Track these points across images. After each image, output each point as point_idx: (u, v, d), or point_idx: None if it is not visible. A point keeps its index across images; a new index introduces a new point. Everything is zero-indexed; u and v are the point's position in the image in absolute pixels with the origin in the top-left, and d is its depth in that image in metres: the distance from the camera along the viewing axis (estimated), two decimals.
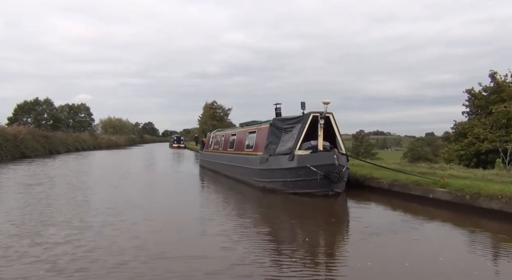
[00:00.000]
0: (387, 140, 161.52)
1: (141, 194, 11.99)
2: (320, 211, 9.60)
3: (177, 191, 12.94)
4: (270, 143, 11.99)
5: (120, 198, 11.03)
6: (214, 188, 14.13)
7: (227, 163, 16.07)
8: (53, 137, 41.01)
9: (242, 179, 14.00)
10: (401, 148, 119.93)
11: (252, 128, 14.09)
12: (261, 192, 11.81)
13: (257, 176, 12.37)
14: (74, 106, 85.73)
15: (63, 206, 9.41)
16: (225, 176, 16.30)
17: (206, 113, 79.88)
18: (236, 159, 14.77)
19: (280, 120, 12.03)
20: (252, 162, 12.90)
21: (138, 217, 8.16)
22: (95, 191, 12.51)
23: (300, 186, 10.81)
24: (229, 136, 17.14)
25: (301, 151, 11.02)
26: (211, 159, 19.36)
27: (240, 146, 15.05)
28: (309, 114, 11.09)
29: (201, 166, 22.20)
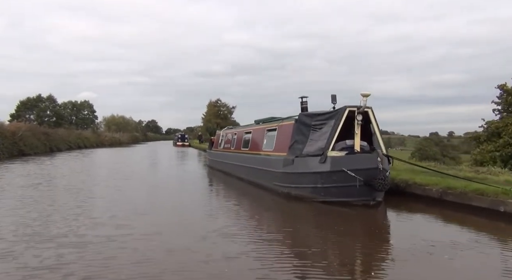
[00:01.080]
0: (391, 139, 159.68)
1: (146, 199, 10.34)
2: (360, 224, 7.89)
3: (186, 196, 11.21)
4: (296, 143, 10.24)
5: (123, 204, 9.39)
6: (227, 193, 12.38)
7: (240, 165, 14.32)
8: (54, 134, 39.38)
9: (259, 183, 12.26)
10: (406, 147, 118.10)
11: (272, 125, 12.34)
12: (285, 200, 10.07)
13: (279, 181, 10.63)
14: (77, 103, 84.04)
15: (55, 215, 7.74)
16: (238, 179, 14.57)
17: (210, 111, 78.18)
18: (253, 160, 13.02)
19: (308, 116, 10.25)
20: (273, 164, 11.15)
21: (145, 230, 6.71)
22: (95, 194, 10.83)
23: (334, 193, 9.07)
24: (242, 134, 15.39)
25: (335, 152, 9.26)
26: (221, 159, 17.61)
27: (257, 146, 13.30)
28: (344, 108, 9.33)
29: (209, 166, 20.46)
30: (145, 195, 11.02)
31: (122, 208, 8.78)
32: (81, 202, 9.40)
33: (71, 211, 8.28)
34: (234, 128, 17.73)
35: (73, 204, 9.01)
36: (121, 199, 10.03)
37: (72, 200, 9.55)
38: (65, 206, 8.81)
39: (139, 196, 10.73)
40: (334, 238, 6.64)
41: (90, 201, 9.69)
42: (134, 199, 10.03)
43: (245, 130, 15.25)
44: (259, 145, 13.12)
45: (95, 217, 7.76)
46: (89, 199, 10.01)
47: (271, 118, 13.27)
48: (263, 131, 13.03)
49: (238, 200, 10.65)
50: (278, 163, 10.76)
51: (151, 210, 8.76)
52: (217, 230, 6.78)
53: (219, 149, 18.86)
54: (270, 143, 12.12)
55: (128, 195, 10.87)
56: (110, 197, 10.34)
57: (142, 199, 10.24)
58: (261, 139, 13.05)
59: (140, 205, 9.19)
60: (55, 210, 8.29)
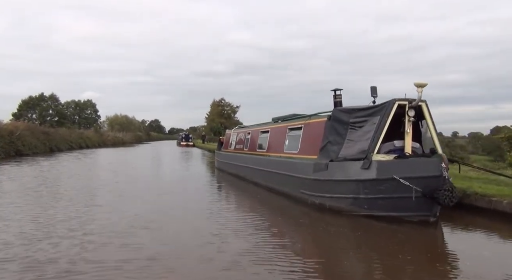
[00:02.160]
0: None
1: (151, 209, 8.61)
2: (420, 247, 6.14)
3: (195, 204, 9.50)
4: (330, 144, 8.49)
5: (124, 216, 7.68)
6: (244, 202, 10.64)
7: (256, 168, 12.57)
8: (54, 134, 37.74)
9: (281, 190, 10.52)
10: None
11: (296, 124, 10.59)
12: (317, 212, 8.33)
13: (308, 189, 8.89)
14: (80, 103, 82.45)
15: (41, 232, 6.01)
16: (253, 184, 12.83)
17: (214, 110, 76.49)
18: (272, 164, 11.26)
19: (345, 112, 8.48)
20: (299, 168, 9.41)
21: (152, 253, 5.31)
22: (93, 201, 9.10)
23: (381, 206, 7.33)
24: (258, 134, 13.64)
25: (381, 156, 7.52)
26: (233, 161, 15.87)
27: (276, 147, 11.56)
28: (393, 102, 7.57)
29: (218, 168, 18.70)
30: (149, 206, 9.29)
31: (122, 223, 7.05)
32: (73, 213, 7.70)
33: (62, 225, 6.59)
34: (247, 127, 15.99)
35: (64, 216, 7.30)
36: (122, 210, 8.31)
37: (63, 211, 7.84)
38: (56, 218, 7.10)
39: (143, 207, 9.00)
40: (389, 266, 4.99)
41: (86, 212, 7.98)
42: (137, 211, 8.30)
43: (261, 129, 13.50)
44: (279, 146, 11.38)
45: (90, 233, 6.10)
46: (84, 209, 8.32)
47: (293, 115, 11.52)
48: (283, 130, 11.28)
49: (259, 212, 8.89)
50: (306, 168, 9.02)
51: (157, 228, 7.02)
52: (238, 254, 5.20)
53: (229, 150, 17.11)
54: (294, 144, 10.38)
55: (129, 205, 9.15)
56: (108, 209, 8.61)
57: (147, 211, 8.52)
58: (281, 139, 11.31)
59: (143, 220, 7.46)
60: (44, 222, 6.56)
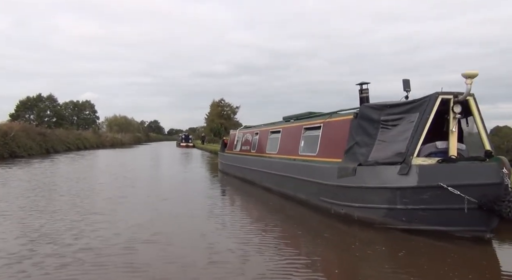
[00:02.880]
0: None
1: (154, 218, 7.51)
2: (478, 271, 4.99)
3: (202, 212, 8.36)
4: (357, 145, 7.33)
5: (124, 227, 6.60)
6: (256, 209, 9.47)
7: (267, 172, 11.40)
8: (51, 135, 36.48)
9: (296, 196, 9.36)
10: None
11: (314, 122, 9.42)
12: (343, 224, 7.17)
13: (331, 196, 7.73)
14: (78, 103, 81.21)
15: (25, 248, 4.84)
16: (263, 188, 11.67)
17: (214, 111, 75.29)
18: (286, 167, 10.09)
19: (375, 109, 7.30)
20: (319, 173, 8.24)
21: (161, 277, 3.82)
22: (88, 209, 7.92)
23: (424, 219, 6.17)
24: (267, 135, 12.47)
25: (422, 159, 6.36)
26: (238, 163, 14.69)
27: (290, 148, 10.39)
28: (435, 96, 6.41)
29: (222, 171, 17.51)
30: (151, 214, 8.11)
31: (123, 236, 5.88)
32: (65, 223, 6.52)
33: (50, 239, 5.43)
34: (254, 127, 14.81)
35: (54, 227, 6.12)
36: (122, 219, 7.12)
37: (53, 221, 6.66)
38: (44, 231, 5.92)
39: (145, 216, 7.81)
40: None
41: (81, 222, 6.82)
42: (138, 220, 7.13)
43: (271, 129, 12.32)
44: (293, 147, 10.22)
45: (86, 248, 4.98)
46: (79, 218, 7.17)
47: (309, 114, 10.34)
48: (298, 130, 10.12)
49: (274, 222, 7.69)
50: (328, 173, 7.86)
51: (162, 242, 5.88)
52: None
53: (235, 152, 15.93)
54: (312, 146, 9.22)
55: (130, 213, 7.96)
56: (105, 218, 7.42)
57: (149, 220, 7.34)
58: (295, 140, 10.15)
59: (146, 232, 6.30)
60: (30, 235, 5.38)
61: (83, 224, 7.05)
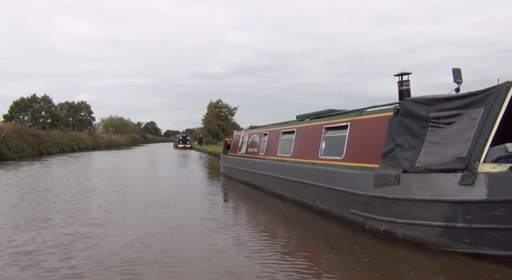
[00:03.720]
0: None
1: (153, 231, 6.30)
2: None
3: (207, 223, 7.06)
4: (399, 148, 6.01)
5: (120, 243, 5.41)
6: (271, 221, 8.12)
7: (279, 177, 10.05)
8: (44, 136, 35.01)
9: (318, 206, 8.03)
10: None
11: (339, 121, 8.08)
12: (381, 243, 5.86)
13: (366, 209, 6.40)
14: (74, 104, 79.56)
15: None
16: (274, 196, 10.34)
17: (211, 112, 73.99)
18: (304, 173, 8.73)
19: (422, 103, 5.94)
20: (349, 181, 6.90)
21: None
22: (77, 221, 6.56)
23: (497, 242, 4.85)
24: (278, 135, 11.12)
25: (491, 166, 5.05)
26: (244, 167, 13.34)
27: (308, 151, 9.05)
28: (507, 85, 5.10)
29: (225, 175, 16.14)
30: (150, 225, 6.77)
31: (119, 254, 4.54)
32: (50, 238, 5.16)
33: (30, 259, 4.10)
34: (262, 127, 13.44)
35: (36, 243, 4.76)
36: (116, 234, 5.77)
37: (35, 236, 5.30)
38: (22, 248, 4.57)
39: (143, 228, 6.46)
40: None
41: (68, 237, 5.46)
42: (135, 234, 5.78)
43: (283, 129, 10.98)
44: (311, 150, 8.88)
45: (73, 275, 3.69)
46: (66, 231, 5.81)
47: (330, 111, 9.00)
48: (317, 131, 8.78)
49: (298, 240, 6.39)
50: (360, 180, 6.54)
51: (167, 264, 4.58)
52: None
53: (240, 154, 14.57)
54: (336, 148, 7.89)
55: (125, 225, 6.60)
56: (97, 231, 6.06)
57: (148, 234, 6.01)
58: (314, 141, 8.81)
59: (146, 250, 4.97)
60: None
61: (73, 239, 5.84)
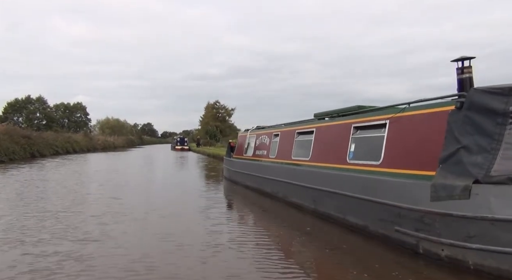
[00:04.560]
0: None
1: (154, 247, 5.16)
2: None
3: (218, 238, 5.78)
4: (465, 151, 4.70)
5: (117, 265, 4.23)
6: (290, 237, 6.78)
7: (295, 184, 8.71)
8: (37, 138, 33.54)
9: (347, 220, 6.70)
10: None
11: (371, 119, 6.75)
12: (444, 273, 4.55)
13: (418, 228, 5.09)
14: (69, 105, 77.88)
15: None
16: (289, 204, 9.02)
17: (208, 113, 72.63)
18: (329, 180, 7.37)
19: (496, 94, 4.63)
20: (394, 191, 5.58)
21: None
22: (66, 234, 5.22)
23: None
24: (293, 136, 9.78)
25: None
26: (251, 171, 12.00)
27: (332, 154, 7.71)
28: None
29: (228, 179, 14.80)
30: (150, 240, 5.44)
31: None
32: (30, 259, 3.86)
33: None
34: (271, 127, 12.07)
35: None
36: (112, 252, 4.42)
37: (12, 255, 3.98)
38: None
39: (142, 243, 5.12)
40: None
41: (54, 256, 4.14)
42: (134, 252, 4.44)
43: (298, 128, 9.63)
44: (336, 153, 7.55)
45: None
46: (54, 249, 4.43)
47: (359, 107, 7.65)
48: (344, 130, 7.45)
49: (333, 265, 5.06)
50: (411, 191, 5.22)
51: None
52: None
53: (246, 157, 13.22)
54: (370, 151, 6.57)
55: (122, 239, 5.25)
56: (90, 249, 4.70)
57: (149, 252, 4.68)
58: (340, 143, 7.48)
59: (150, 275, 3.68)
60: None
61: (61, 258, 4.50)
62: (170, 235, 6.39)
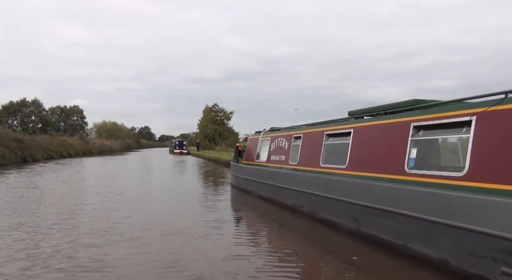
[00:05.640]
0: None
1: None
2: None
3: (239, 265, 4.23)
4: None
5: None
6: (335, 276, 5.14)
7: (330, 197, 7.05)
8: (29, 141, 31.67)
9: (416, 250, 5.05)
10: None
11: (442, 116, 5.08)
12: None
13: None
14: (66, 109, 75.84)
15: None
16: (319, 221, 7.38)
17: (207, 116, 70.96)
18: (383, 194, 5.69)
19: None
20: (495, 215, 3.95)
21: None
22: (52, 258, 3.70)
23: None
24: (320, 139, 8.10)
25: None
26: (266, 179, 10.34)
27: (383, 161, 6.04)
28: None
29: (237, 187, 13.13)
30: (155, 266, 3.84)
31: None
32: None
33: None
34: (290, 128, 10.37)
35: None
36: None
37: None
38: None
39: (146, 269, 3.51)
40: None
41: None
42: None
43: (328, 130, 7.96)
44: (387, 160, 5.91)
45: None
46: None
47: (416, 102, 5.95)
48: (399, 131, 5.81)
49: None
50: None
51: None
52: None
53: (258, 163, 11.53)
54: (442, 157, 4.95)
55: (121, 263, 3.64)
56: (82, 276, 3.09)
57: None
58: (392, 147, 5.84)
59: None
60: None
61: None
62: (177, 263, 4.77)
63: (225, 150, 46.04)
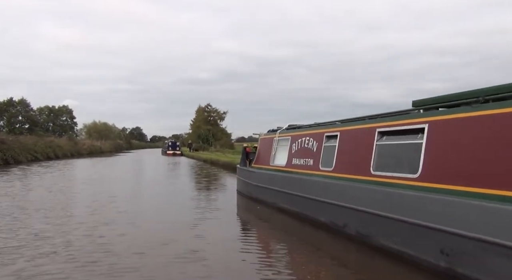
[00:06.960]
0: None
1: None
2: None
3: None
4: None
5: None
6: None
7: (390, 217, 5.06)
8: (12, 142, 29.24)
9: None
10: None
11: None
12: None
13: None
14: (54, 109, 72.91)
15: None
16: (371, 248, 5.40)
17: (200, 117, 68.73)
18: (495, 220, 3.76)
19: None
20: None
21: None
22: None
23: None
24: (370, 137, 6.07)
25: None
26: (286, 188, 8.33)
27: (481, 171, 4.08)
28: None
29: (245, 195, 11.11)
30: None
31: None
32: None
33: None
34: (318, 125, 8.31)
35: None
36: None
37: None
38: None
39: None
40: None
41: None
42: None
43: (380, 125, 5.96)
44: (484, 168, 3.94)
45: None
46: None
47: (500, 89, 3.99)
48: (499, 126, 3.85)
49: None
50: None
51: None
52: None
53: (274, 167, 9.48)
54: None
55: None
56: None
57: None
58: (492, 148, 3.88)
59: None
60: None
61: None
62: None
63: (220, 151, 43.92)
